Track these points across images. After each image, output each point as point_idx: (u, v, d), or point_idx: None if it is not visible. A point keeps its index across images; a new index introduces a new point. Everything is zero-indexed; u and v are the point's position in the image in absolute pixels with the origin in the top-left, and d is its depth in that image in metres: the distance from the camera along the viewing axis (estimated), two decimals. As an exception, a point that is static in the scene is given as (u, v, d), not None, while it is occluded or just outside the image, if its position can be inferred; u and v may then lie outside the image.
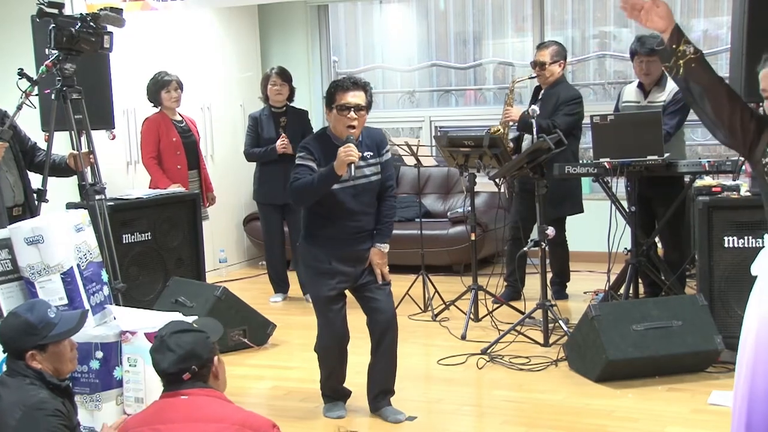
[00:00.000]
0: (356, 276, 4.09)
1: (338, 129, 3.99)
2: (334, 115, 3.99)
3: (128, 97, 6.46)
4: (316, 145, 4.03)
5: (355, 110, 3.93)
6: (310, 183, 3.93)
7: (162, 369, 2.71)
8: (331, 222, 4.02)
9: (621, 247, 5.29)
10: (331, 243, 4.04)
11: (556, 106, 5.80)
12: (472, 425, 4.27)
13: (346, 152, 3.83)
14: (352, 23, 8.80)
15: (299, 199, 4.06)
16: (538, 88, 6.06)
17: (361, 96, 3.97)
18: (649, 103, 5.53)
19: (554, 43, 6.06)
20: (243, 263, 7.95)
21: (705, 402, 4.18)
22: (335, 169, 3.85)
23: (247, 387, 4.72)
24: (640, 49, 5.45)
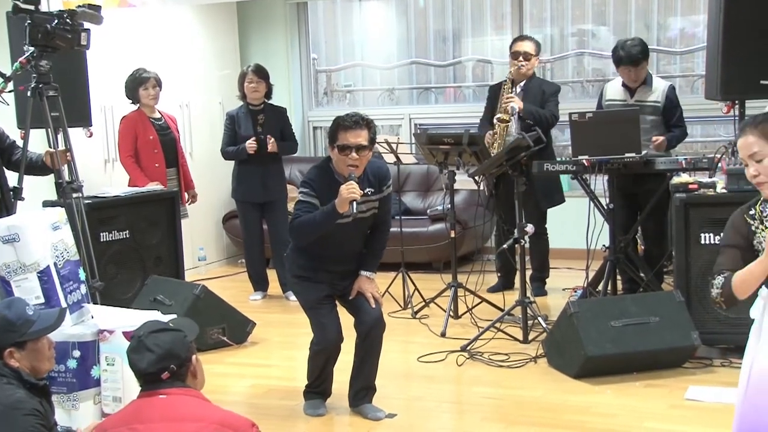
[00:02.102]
0: (343, 287, 4.12)
1: (340, 167, 3.97)
2: (335, 154, 3.96)
3: (106, 94, 6.42)
4: (318, 180, 4.01)
5: (356, 150, 3.91)
6: (311, 221, 3.92)
7: (140, 369, 2.69)
8: (318, 245, 4.02)
9: (600, 244, 5.32)
10: (319, 258, 4.06)
11: (544, 99, 5.85)
12: (452, 422, 4.28)
13: (349, 190, 3.82)
14: (331, 21, 8.78)
15: (300, 236, 4.02)
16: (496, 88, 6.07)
17: (364, 135, 3.93)
18: (637, 102, 5.56)
19: (531, 37, 6.14)
20: (222, 261, 7.92)
21: (682, 397, 4.21)
22: (337, 206, 3.85)
23: (226, 385, 4.70)
24: (625, 59, 5.46)
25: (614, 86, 5.73)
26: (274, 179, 6.39)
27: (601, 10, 7.81)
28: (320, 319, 4.08)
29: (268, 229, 6.53)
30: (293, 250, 4.16)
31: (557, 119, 5.93)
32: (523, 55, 5.91)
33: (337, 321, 4.10)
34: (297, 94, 8.36)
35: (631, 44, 5.49)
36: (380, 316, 4.13)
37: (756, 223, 2.63)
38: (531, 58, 5.93)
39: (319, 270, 4.07)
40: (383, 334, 4.15)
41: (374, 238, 4.17)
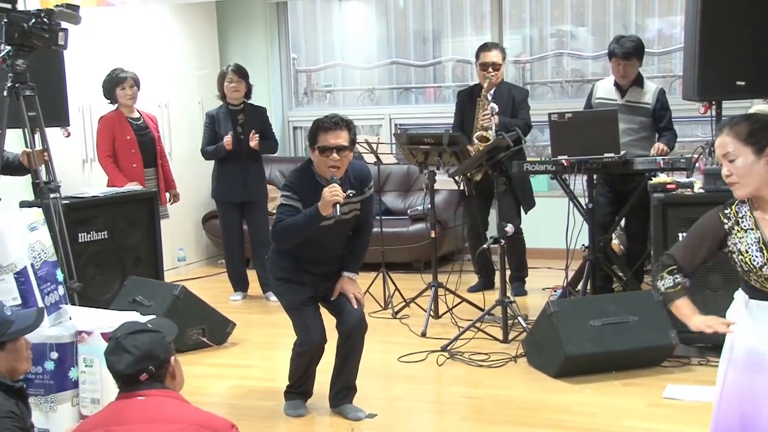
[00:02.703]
0: (326, 288, 4.12)
1: (321, 168, 3.95)
2: (316, 156, 3.95)
3: (84, 94, 6.38)
4: (300, 183, 4.00)
5: (337, 151, 3.90)
6: (294, 224, 3.91)
7: (118, 371, 2.67)
8: (300, 248, 4.01)
9: (579, 244, 5.35)
10: (301, 260, 4.05)
11: (515, 105, 5.87)
12: (432, 422, 4.29)
13: (332, 193, 3.82)
14: (311, 20, 8.77)
15: (283, 240, 4.01)
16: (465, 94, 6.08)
17: (344, 136, 3.93)
18: (628, 102, 5.59)
19: (496, 44, 6.17)
20: (202, 262, 7.89)
21: (660, 396, 4.24)
22: (320, 209, 3.84)
23: (206, 386, 4.69)
24: (617, 50, 5.51)
25: (605, 85, 5.76)
26: (254, 179, 6.37)
27: (579, 11, 7.85)
28: (304, 321, 4.07)
29: (248, 230, 6.52)
30: (275, 253, 4.15)
31: (530, 127, 5.97)
32: (492, 66, 5.93)
33: (321, 322, 4.10)
34: (277, 94, 8.34)
35: (627, 39, 5.54)
36: (362, 316, 4.13)
37: (731, 223, 2.65)
38: (500, 67, 5.96)
39: (301, 272, 4.07)
40: (365, 334, 4.15)
41: (356, 240, 4.17)
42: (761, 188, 2.58)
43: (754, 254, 2.57)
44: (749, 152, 2.57)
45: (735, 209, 2.65)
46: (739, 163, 2.57)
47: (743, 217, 2.63)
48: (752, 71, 4.76)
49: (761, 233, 2.58)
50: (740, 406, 2.61)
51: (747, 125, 2.59)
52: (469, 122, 5.99)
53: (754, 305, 2.62)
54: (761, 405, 2.57)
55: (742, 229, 2.62)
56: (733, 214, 2.65)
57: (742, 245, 2.60)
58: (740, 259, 2.60)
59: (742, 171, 2.57)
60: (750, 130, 2.57)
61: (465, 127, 5.96)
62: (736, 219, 2.64)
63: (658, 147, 5.40)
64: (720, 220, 2.67)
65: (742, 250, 2.60)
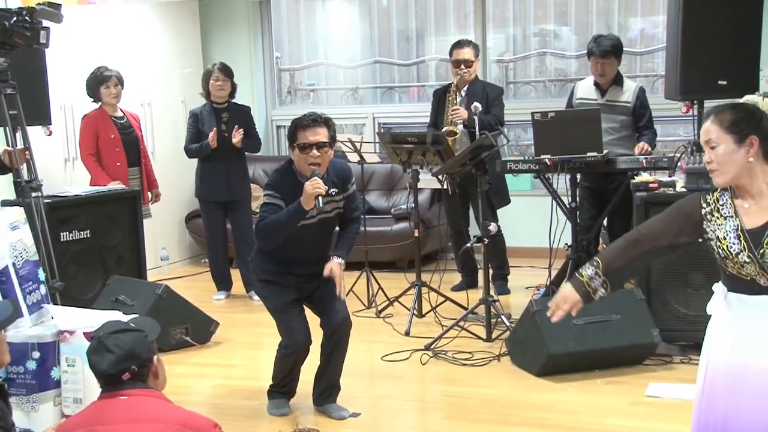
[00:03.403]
0: (311, 289, 4.11)
1: (302, 167, 3.95)
2: (296, 154, 3.95)
3: (66, 92, 6.34)
4: (282, 181, 3.99)
5: (317, 148, 3.90)
6: (277, 221, 3.89)
7: (100, 370, 2.66)
8: (283, 248, 4.01)
9: (562, 243, 5.37)
10: (284, 262, 4.05)
11: (489, 102, 5.89)
12: (416, 420, 4.30)
13: (313, 186, 3.81)
14: (294, 19, 8.76)
15: (266, 237, 3.99)
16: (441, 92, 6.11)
17: (323, 132, 3.93)
18: (608, 101, 5.62)
19: (469, 41, 6.18)
20: (185, 261, 7.86)
21: (642, 394, 4.26)
22: (302, 203, 3.83)
23: (189, 386, 4.67)
24: (595, 49, 5.53)
25: (585, 85, 5.78)
26: (238, 178, 6.36)
27: (563, 11, 7.88)
28: (288, 323, 4.06)
29: (231, 229, 6.50)
30: (258, 255, 4.14)
31: (503, 124, 5.96)
32: (464, 63, 5.98)
33: (306, 324, 4.09)
34: (260, 92, 8.33)
35: (605, 38, 5.57)
36: (347, 315, 4.13)
37: (709, 209, 2.67)
38: (472, 63, 5.99)
39: (285, 273, 4.06)
40: (350, 332, 4.14)
41: (346, 228, 4.17)
42: (740, 177, 2.60)
43: (731, 241, 2.59)
44: (730, 141, 2.58)
45: (716, 196, 2.67)
46: (720, 151, 2.59)
47: (723, 205, 2.65)
48: (734, 71, 4.80)
49: (740, 221, 2.60)
50: (722, 404, 2.62)
51: (731, 114, 2.60)
52: (442, 121, 6.04)
53: (732, 298, 2.64)
54: (743, 402, 2.58)
55: (721, 216, 2.64)
56: (713, 201, 2.67)
57: (721, 232, 2.62)
58: (718, 245, 2.62)
59: (722, 159, 2.59)
60: (733, 119, 2.59)
61: (439, 126, 6.00)
62: (716, 206, 2.65)
63: (642, 146, 5.42)
64: (699, 203, 2.69)
65: (720, 237, 2.62)
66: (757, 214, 2.59)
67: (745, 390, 2.57)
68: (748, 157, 2.58)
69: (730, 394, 2.60)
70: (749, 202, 2.61)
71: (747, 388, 2.57)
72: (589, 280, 2.84)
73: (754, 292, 2.59)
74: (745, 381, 2.57)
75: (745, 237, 2.57)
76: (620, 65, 5.71)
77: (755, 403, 2.55)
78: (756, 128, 2.59)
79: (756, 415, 2.55)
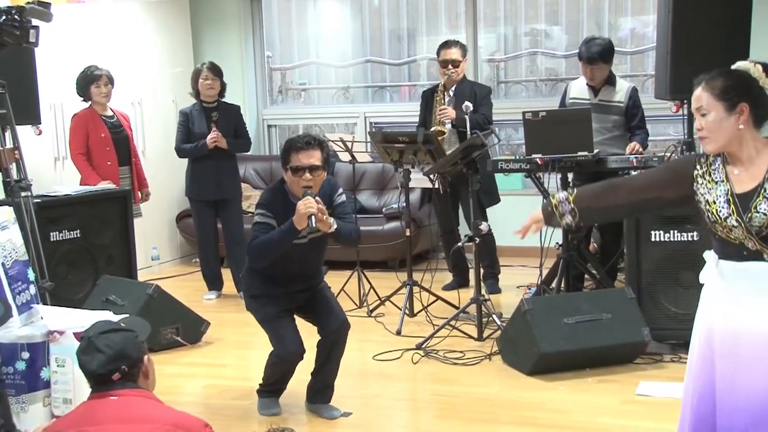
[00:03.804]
0: (303, 299, 4.11)
1: (295, 189, 3.94)
2: (289, 176, 3.93)
3: (56, 91, 6.32)
4: (274, 201, 3.97)
5: (310, 171, 3.88)
6: (269, 240, 3.87)
7: (91, 370, 2.65)
8: (275, 266, 3.99)
9: (553, 242, 5.38)
10: (276, 279, 4.03)
11: (477, 102, 5.90)
12: (407, 420, 4.30)
13: (306, 205, 3.79)
14: (286, 18, 8.75)
15: (259, 256, 3.97)
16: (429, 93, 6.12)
17: (317, 155, 3.90)
18: (601, 101, 5.63)
19: (456, 41, 6.19)
20: (176, 260, 7.85)
21: (633, 393, 4.27)
22: (295, 223, 3.81)
23: (180, 386, 4.66)
24: (584, 55, 5.54)
25: (578, 85, 5.79)
26: (229, 177, 6.35)
27: (553, 10, 7.89)
28: (279, 332, 4.03)
29: (222, 228, 6.49)
30: (249, 273, 4.13)
31: (490, 123, 5.97)
32: (452, 63, 6.00)
33: (297, 333, 4.06)
34: (251, 92, 8.31)
35: (594, 43, 5.56)
36: (346, 318, 4.13)
37: (701, 171, 2.69)
38: (459, 63, 6.00)
39: (276, 287, 4.05)
40: (348, 334, 4.14)
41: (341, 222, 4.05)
42: (730, 144, 2.62)
43: (721, 205, 2.61)
44: (721, 108, 2.59)
45: (710, 160, 2.69)
46: (710, 118, 2.60)
47: (716, 169, 2.67)
48: (723, 70, 4.80)
49: (731, 186, 2.62)
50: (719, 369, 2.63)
51: (722, 81, 2.61)
52: (430, 121, 6.06)
53: (724, 266, 2.66)
54: (739, 367, 2.59)
55: (712, 180, 2.66)
56: (707, 164, 2.69)
57: (711, 196, 2.64)
58: (707, 209, 2.65)
59: (712, 126, 2.60)
60: (724, 86, 2.60)
61: (428, 126, 6.00)
62: (709, 170, 2.68)
63: (633, 146, 5.44)
64: (693, 163, 2.71)
65: (710, 201, 2.64)
66: (747, 179, 2.62)
67: (741, 356, 2.59)
68: (738, 124, 2.59)
69: (725, 359, 2.62)
70: (739, 168, 2.64)
71: (742, 355, 2.59)
72: (558, 203, 2.86)
73: (743, 258, 2.61)
74: (740, 347, 2.59)
75: (734, 201, 2.60)
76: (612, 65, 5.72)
77: (752, 369, 2.57)
78: (746, 95, 2.60)
79: (753, 379, 2.57)
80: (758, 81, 2.62)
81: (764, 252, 2.57)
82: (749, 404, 2.57)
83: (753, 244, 2.57)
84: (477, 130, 5.23)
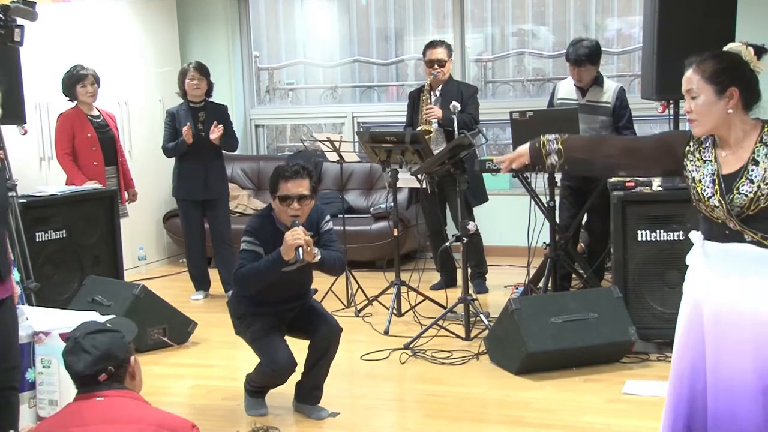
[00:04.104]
0: (291, 317, 4.10)
1: (282, 217, 3.93)
2: (277, 204, 3.93)
3: (41, 91, 6.29)
4: (261, 229, 3.97)
5: (298, 200, 3.88)
6: (256, 270, 3.87)
7: (77, 371, 2.64)
8: (264, 293, 3.99)
9: (540, 242, 5.39)
10: (263, 303, 4.03)
11: (464, 101, 5.90)
12: (395, 420, 4.30)
13: (294, 236, 3.78)
14: (273, 18, 8.74)
15: (245, 286, 3.96)
16: (416, 94, 6.14)
17: (305, 184, 3.90)
18: (588, 102, 5.64)
19: (442, 41, 6.19)
20: (163, 261, 7.82)
21: (620, 392, 4.28)
22: (282, 254, 3.80)
23: (167, 386, 4.65)
24: (571, 56, 5.56)
25: (566, 85, 5.80)
26: (216, 177, 6.33)
27: (540, 11, 7.91)
28: (269, 348, 3.99)
29: (209, 228, 6.47)
30: (236, 298, 4.12)
31: (477, 122, 6.00)
32: (437, 63, 6.01)
33: (288, 348, 4.03)
34: (239, 91, 8.30)
35: (581, 45, 5.56)
36: (338, 323, 4.12)
37: (692, 148, 2.72)
38: (445, 63, 6.02)
39: (264, 308, 4.04)
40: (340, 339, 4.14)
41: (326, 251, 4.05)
42: (719, 127, 2.64)
43: (707, 184, 2.65)
44: (711, 91, 2.60)
45: (702, 139, 2.71)
46: (700, 101, 2.61)
47: (706, 149, 2.69)
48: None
49: (718, 166, 2.65)
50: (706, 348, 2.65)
51: (713, 63, 2.62)
52: (417, 121, 6.08)
53: (709, 247, 2.68)
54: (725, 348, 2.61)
55: (701, 159, 2.69)
56: (698, 142, 2.72)
57: (698, 174, 2.67)
58: (693, 186, 2.69)
59: (701, 109, 2.61)
60: (715, 69, 2.61)
61: (415, 127, 6.01)
62: (699, 147, 2.70)
63: None
64: (686, 138, 2.74)
65: (696, 179, 2.68)
66: (734, 161, 2.65)
67: (724, 336, 2.61)
68: (727, 108, 2.61)
69: (711, 339, 2.64)
70: (726, 151, 2.67)
71: (725, 336, 2.61)
72: (546, 141, 2.87)
73: (726, 238, 2.63)
74: (722, 327, 2.61)
75: (719, 182, 2.63)
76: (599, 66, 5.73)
77: (737, 349, 2.60)
78: (737, 79, 2.61)
79: (738, 359, 2.59)
80: (749, 64, 2.63)
81: (745, 233, 2.60)
82: (732, 383, 2.59)
83: (734, 224, 2.60)
84: (464, 130, 5.24)
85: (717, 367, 2.63)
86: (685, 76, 2.67)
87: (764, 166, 2.58)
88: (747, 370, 2.57)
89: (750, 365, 2.57)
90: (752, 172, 2.59)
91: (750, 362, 2.57)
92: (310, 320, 4.10)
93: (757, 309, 2.57)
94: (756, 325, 2.57)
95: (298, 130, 8.81)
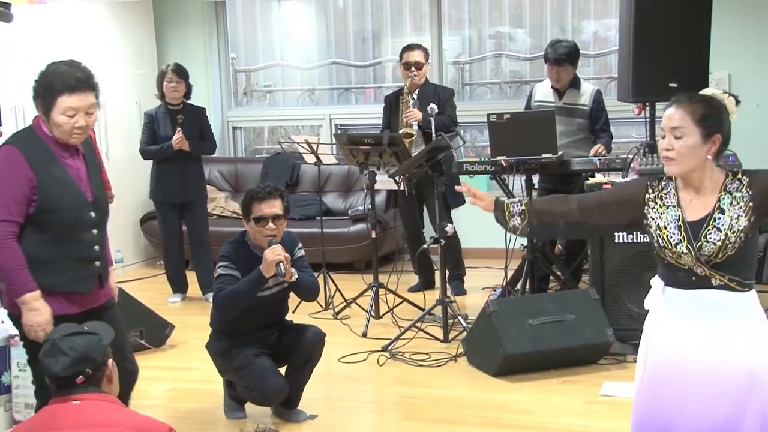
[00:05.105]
0: (272, 342, 4.09)
1: (258, 239, 3.95)
2: (252, 227, 3.94)
3: (17, 94, 6.22)
4: (236, 253, 3.98)
5: (272, 220, 3.91)
6: (237, 291, 3.87)
7: (54, 373, 2.62)
8: (242, 323, 3.99)
9: (518, 244, 5.41)
10: (242, 334, 4.02)
11: (441, 104, 5.92)
12: (373, 422, 4.30)
13: (274, 252, 3.81)
14: (250, 20, 8.71)
15: (227, 308, 3.94)
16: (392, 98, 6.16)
17: (278, 204, 3.94)
18: (565, 104, 5.67)
19: (419, 45, 6.22)
20: (140, 263, 7.77)
21: (597, 393, 4.31)
22: (263, 271, 3.82)
23: (144, 390, 4.60)
24: (550, 56, 5.59)
25: (543, 88, 5.82)
26: (193, 179, 6.31)
27: (517, 13, 7.95)
28: (257, 371, 3.95)
29: (187, 230, 6.44)
30: (215, 336, 4.11)
31: (456, 124, 6.02)
32: (415, 65, 6.05)
33: (277, 370, 4.02)
34: (216, 93, 8.27)
35: (560, 45, 5.60)
36: (321, 331, 4.11)
37: (653, 195, 2.68)
38: (422, 66, 6.04)
39: (244, 337, 4.03)
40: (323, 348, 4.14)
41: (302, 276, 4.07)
42: (694, 170, 2.60)
43: (672, 231, 2.61)
44: (698, 134, 2.56)
45: (662, 184, 2.68)
46: (687, 142, 2.57)
47: (667, 194, 2.66)
48: (685, 73, 4.88)
49: (682, 212, 2.62)
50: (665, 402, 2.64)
51: (704, 107, 2.59)
52: (395, 125, 6.08)
53: (670, 293, 2.67)
54: (686, 401, 2.59)
55: (664, 205, 2.65)
56: (659, 188, 2.68)
57: (662, 221, 2.64)
58: (658, 234, 2.64)
59: (685, 150, 2.57)
60: (706, 113, 2.58)
61: (393, 130, 6.01)
62: (660, 194, 2.67)
63: (597, 148, 5.50)
64: (645, 187, 2.71)
65: (661, 226, 2.64)
66: (699, 207, 2.62)
67: (688, 389, 2.59)
68: (708, 153, 2.60)
69: (671, 392, 2.62)
70: (692, 196, 2.63)
71: (689, 387, 2.59)
72: (510, 204, 2.86)
73: (691, 285, 2.61)
74: (688, 374, 2.59)
75: (686, 228, 2.60)
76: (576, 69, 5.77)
77: (698, 402, 2.57)
78: (720, 127, 2.60)
79: (700, 414, 2.57)
80: (729, 114, 2.64)
81: (713, 277, 2.58)
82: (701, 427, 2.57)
83: (702, 270, 2.58)
84: (442, 132, 5.26)
85: (683, 411, 2.59)
86: (671, 113, 2.61)
87: (730, 214, 2.56)
88: (717, 417, 2.55)
89: (720, 412, 2.55)
90: (719, 221, 2.56)
91: (721, 409, 2.55)
92: (294, 332, 4.11)
93: (726, 358, 2.55)
94: (726, 372, 2.55)
95: (275, 132, 8.79)
